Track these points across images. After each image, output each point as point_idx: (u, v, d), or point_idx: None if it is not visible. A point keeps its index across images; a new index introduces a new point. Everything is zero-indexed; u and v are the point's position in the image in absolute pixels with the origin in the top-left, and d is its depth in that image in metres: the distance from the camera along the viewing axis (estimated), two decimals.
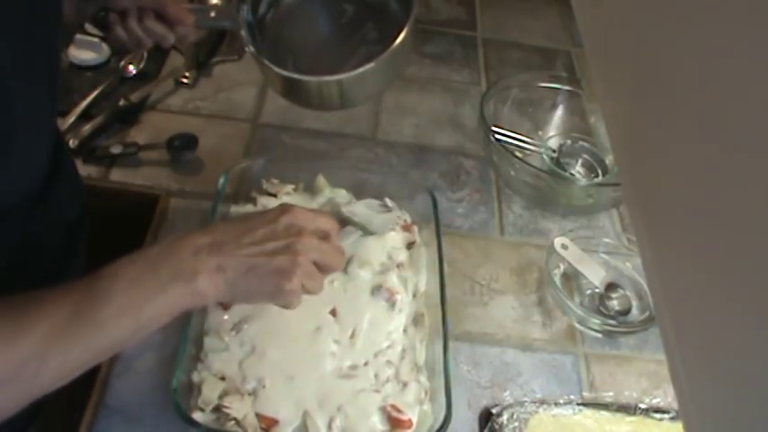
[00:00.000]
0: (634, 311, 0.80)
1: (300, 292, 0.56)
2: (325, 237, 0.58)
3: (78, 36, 0.98)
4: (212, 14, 0.70)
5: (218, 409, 0.61)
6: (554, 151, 0.96)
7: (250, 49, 0.66)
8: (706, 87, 0.28)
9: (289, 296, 0.55)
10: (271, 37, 0.70)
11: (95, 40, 0.98)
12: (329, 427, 0.61)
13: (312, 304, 0.70)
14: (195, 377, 0.63)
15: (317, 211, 0.60)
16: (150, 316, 0.50)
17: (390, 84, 0.70)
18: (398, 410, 0.63)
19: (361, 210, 0.76)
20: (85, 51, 0.99)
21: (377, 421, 0.63)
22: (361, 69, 0.62)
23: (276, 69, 0.63)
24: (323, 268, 0.57)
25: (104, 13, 0.68)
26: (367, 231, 0.73)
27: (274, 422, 0.61)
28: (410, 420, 0.63)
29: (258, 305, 0.69)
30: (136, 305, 0.49)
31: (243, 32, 0.67)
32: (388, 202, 0.81)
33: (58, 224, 0.65)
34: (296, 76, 0.63)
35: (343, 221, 0.73)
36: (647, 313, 0.79)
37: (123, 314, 0.48)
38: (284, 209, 0.58)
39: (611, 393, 0.74)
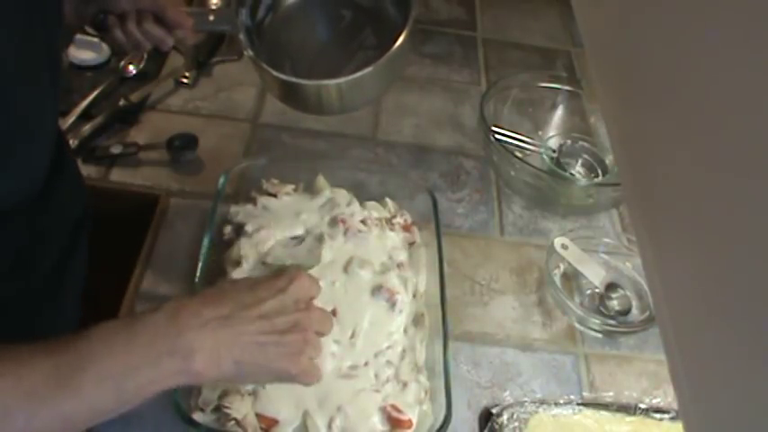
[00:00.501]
0: (634, 311, 0.80)
1: (311, 370, 0.54)
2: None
3: (78, 36, 0.98)
4: (211, 18, 0.70)
5: (218, 409, 0.61)
6: (554, 151, 0.96)
7: (248, 52, 0.65)
8: (706, 87, 0.28)
9: (299, 377, 0.53)
10: (269, 41, 0.70)
11: (95, 40, 0.98)
12: (329, 427, 0.61)
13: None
14: None
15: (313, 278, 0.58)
16: (134, 388, 0.45)
17: (387, 89, 0.70)
18: (398, 410, 0.63)
19: (280, 252, 0.74)
20: (85, 51, 0.99)
21: (377, 421, 0.63)
22: (358, 74, 0.62)
23: (274, 73, 0.63)
24: (321, 335, 0.56)
25: (103, 16, 0.68)
26: (304, 267, 0.70)
27: (274, 422, 0.61)
28: (410, 420, 0.63)
29: None
30: (120, 373, 0.44)
31: (241, 36, 0.67)
32: (389, 201, 0.81)
33: (60, 223, 0.65)
34: (294, 79, 0.63)
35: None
36: (647, 313, 0.79)
37: (103, 381, 0.44)
38: (293, 276, 0.55)
39: (611, 393, 0.74)
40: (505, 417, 0.68)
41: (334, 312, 0.69)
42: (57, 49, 0.56)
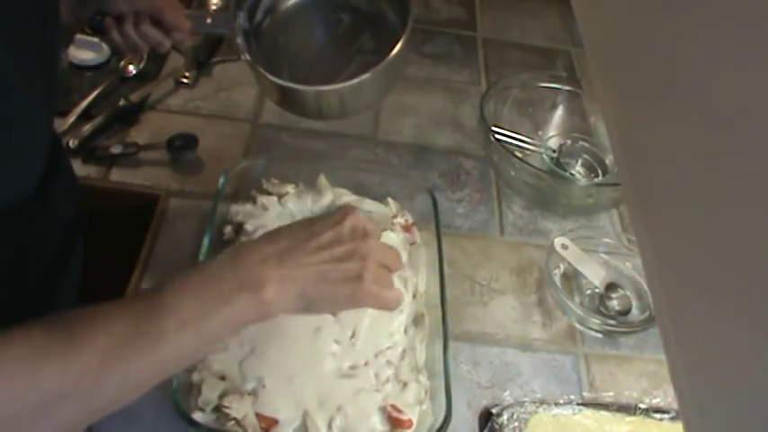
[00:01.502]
0: (634, 311, 0.80)
1: (376, 295, 0.54)
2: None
3: (78, 36, 0.98)
4: (208, 21, 0.70)
5: (218, 409, 0.61)
6: (554, 151, 0.96)
7: (245, 56, 0.65)
8: (706, 87, 0.28)
9: (364, 300, 0.54)
10: (266, 45, 0.70)
11: (95, 40, 0.98)
12: (329, 427, 0.61)
13: None
14: (195, 377, 0.63)
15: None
16: (214, 329, 0.48)
17: (386, 94, 0.70)
18: (398, 410, 0.63)
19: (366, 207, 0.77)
20: (85, 51, 0.99)
21: (377, 421, 0.63)
22: (356, 80, 0.61)
23: (270, 78, 0.63)
24: (388, 269, 0.57)
25: (100, 17, 0.68)
26: None
27: (274, 422, 0.61)
28: (410, 420, 0.63)
29: None
30: (198, 317, 0.47)
31: (238, 40, 0.67)
32: (391, 201, 0.81)
33: (55, 223, 0.64)
34: (291, 84, 0.63)
35: None
36: (647, 313, 0.79)
37: (185, 327, 0.46)
38: (347, 211, 0.57)
39: (611, 393, 0.74)
40: (505, 417, 0.68)
41: (333, 312, 0.69)
42: (52, 50, 0.55)
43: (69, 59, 0.98)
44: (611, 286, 0.81)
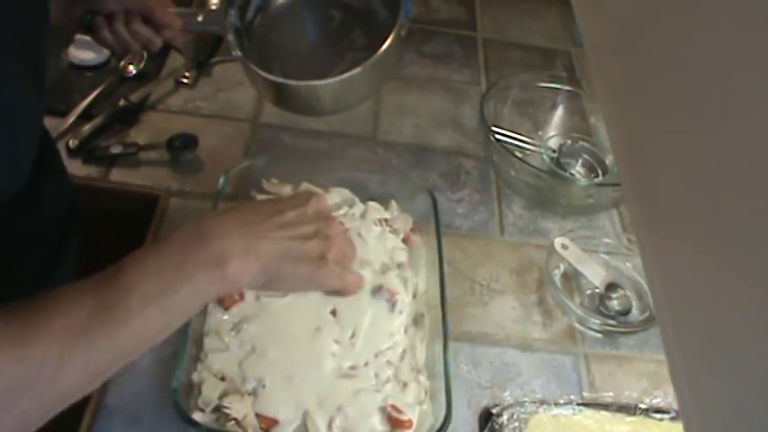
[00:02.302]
0: (634, 311, 0.80)
1: (338, 276, 0.56)
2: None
3: (78, 36, 0.98)
4: (199, 18, 0.70)
5: (218, 409, 0.61)
6: (554, 151, 0.96)
7: (237, 53, 0.65)
8: (706, 87, 0.28)
9: (326, 280, 0.55)
10: (258, 42, 0.70)
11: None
12: (329, 427, 0.61)
13: (312, 304, 0.70)
14: (195, 377, 0.63)
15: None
16: (177, 305, 0.47)
17: (377, 89, 0.71)
18: (398, 410, 0.63)
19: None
20: (85, 51, 0.99)
21: (377, 421, 0.63)
22: (347, 74, 0.62)
23: (262, 74, 0.63)
24: (346, 257, 0.58)
25: (91, 16, 0.68)
26: None
27: (274, 422, 0.61)
28: (410, 420, 0.63)
29: (258, 306, 0.69)
30: (161, 294, 0.45)
31: (229, 37, 0.67)
32: (394, 206, 0.81)
33: (45, 222, 0.64)
34: (282, 80, 0.63)
35: None
36: (647, 313, 0.79)
37: (148, 305, 0.45)
38: (309, 195, 0.58)
39: (611, 393, 0.74)
40: (505, 417, 0.68)
41: (334, 312, 0.69)
42: (41, 50, 0.55)
43: (69, 59, 0.98)
44: (611, 286, 0.81)
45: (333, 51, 0.71)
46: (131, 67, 1.00)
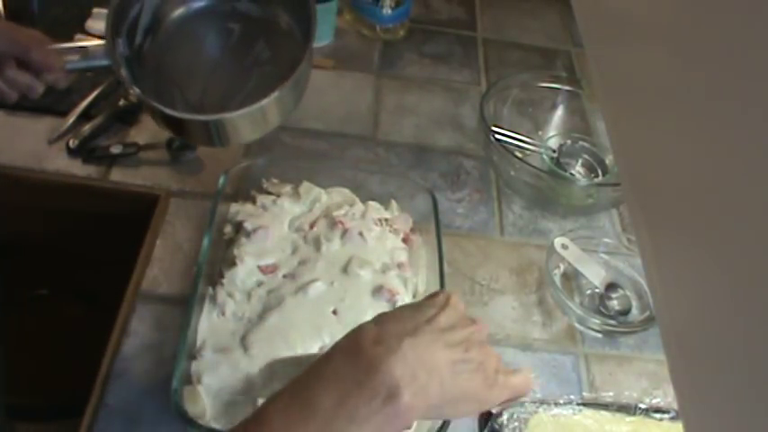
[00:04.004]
0: (634, 311, 0.80)
1: (504, 385, 0.48)
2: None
3: (78, 36, 0.98)
4: (83, 55, 0.60)
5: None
6: (554, 151, 0.96)
7: (135, 90, 0.57)
8: (706, 86, 0.28)
9: (501, 394, 0.48)
10: (152, 68, 0.61)
11: (95, 41, 0.98)
12: None
13: (314, 305, 0.70)
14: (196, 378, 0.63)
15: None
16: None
17: (296, 106, 0.62)
18: None
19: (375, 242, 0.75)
20: None
21: None
22: (273, 94, 0.55)
23: (168, 111, 0.55)
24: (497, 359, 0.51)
25: None
26: None
27: None
28: None
29: (258, 306, 0.69)
30: (344, 423, 0.40)
31: (122, 72, 0.58)
32: (394, 206, 0.81)
33: None
34: (204, 117, 0.55)
35: None
36: (647, 313, 0.79)
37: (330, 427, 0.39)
38: (447, 295, 0.50)
39: (611, 393, 0.74)
40: (505, 417, 0.68)
41: (335, 312, 0.69)
42: None
43: None
44: (611, 286, 0.81)
45: (237, 68, 0.63)
46: None
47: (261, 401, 0.61)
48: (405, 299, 0.71)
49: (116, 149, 0.87)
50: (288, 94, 0.58)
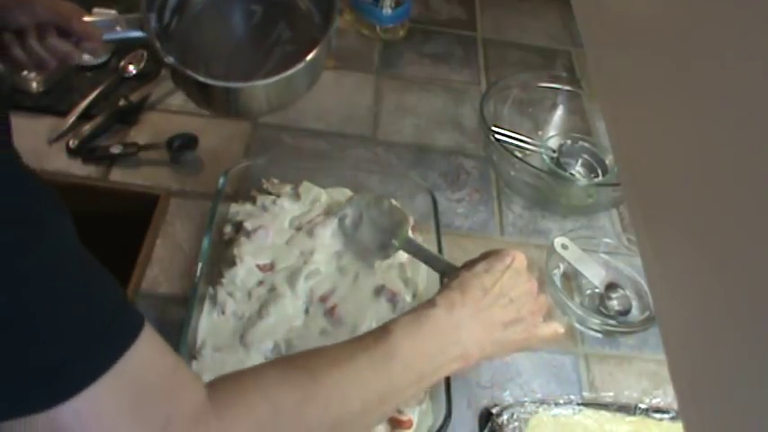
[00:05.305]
0: (634, 311, 0.80)
1: (546, 330, 0.62)
2: None
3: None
4: (119, 27, 0.63)
5: None
6: (554, 151, 0.96)
7: (169, 59, 0.60)
8: (706, 86, 0.28)
9: (537, 337, 0.61)
10: (179, 46, 0.65)
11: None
12: None
13: (315, 305, 0.70)
14: None
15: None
16: (429, 372, 0.54)
17: (316, 80, 0.66)
18: (398, 410, 0.63)
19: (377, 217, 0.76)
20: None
21: None
22: (294, 68, 0.59)
23: (201, 79, 0.59)
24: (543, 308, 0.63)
25: None
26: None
27: None
28: (410, 420, 0.63)
29: (258, 306, 0.69)
30: (420, 360, 0.53)
31: (157, 43, 0.62)
32: (393, 202, 0.81)
33: None
34: (233, 84, 0.60)
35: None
36: (647, 313, 0.79)
37: (408, 367, 0.52)
38: (513, 254, 0.62)
39: (611, 393, 0.74)
40: (505, 417, 0.68)
41: (334, 312, 0.69)
42: None
43: None
44: (611, 286, 0.81)
45: (259, 48, 0.68)
46: (131, 67, 1.00)
47: None
48: (406, 298, 0.71)
49: (116, 149, 0.87)
50: (305, 71, 0.61)
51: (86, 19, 0.63)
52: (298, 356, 0.53)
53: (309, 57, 0.60)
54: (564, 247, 0.81)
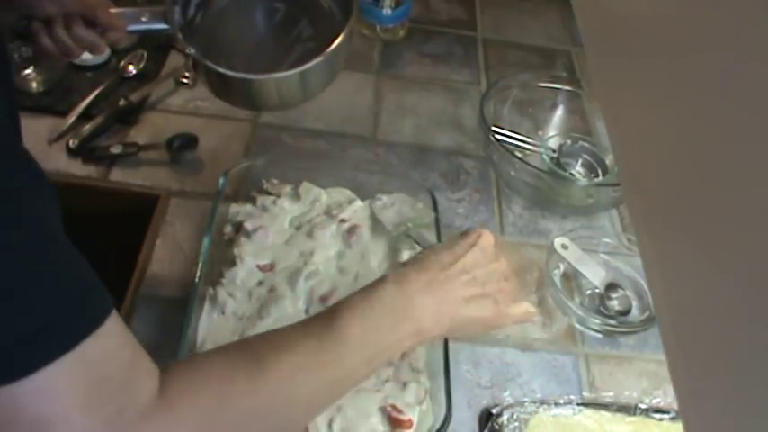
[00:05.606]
0: (634, 311, 0.80)
1: (508, 316, 0.60)
2: None
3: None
4: (144, 18, 0.66)
5: None
6: (554, 151, 0.96)
7: (190, 50, 0.62)
8: (706, 86, 0.28)
9: (502, 321, 0.60)
10: (202, 41, 0.66)
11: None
12: (329, 426, 0.61)
13: (315, 305, 0.70)
14: None
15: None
16: (381, 352, 0.53)
17: (336, 75, 0.67)
18: (398, 410, 0.63)
19: (388, 214, 0.78)
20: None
21: (377, 421, 0.63)
22: (314, 62, 0.60)
23: (220, 70, 0.60)
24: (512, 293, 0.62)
25: (26, 22, 0.63)
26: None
27: None
28: (410, 420, 0.63)
29: (258, 305, 0.69)
30: (370, 341, 0.52)
31: (179, 35, 0.64)
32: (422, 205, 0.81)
33: None
34: (252, 76, 0.61)
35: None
36: (647, 313, 0.79)
37: (358, 350, 0.51)
38: (479, 233, 0.60)
39: (611, 393, 0.74)
40: (505, 417, 0.68)
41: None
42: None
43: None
44: (611, 286, 0.81)
45: (280, 44, 0.69)
46: (131, 67, 1.00)
47: None
48: None
49: (116, 149, 0.87)
50: (324, 65, 0.62)
51: (112, 10, 0.65)
52: (246, 342, 0.51)
53: (330, 49, 0.61)
54: (564, 247, 0.81)
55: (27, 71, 0.94)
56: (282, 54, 0.67)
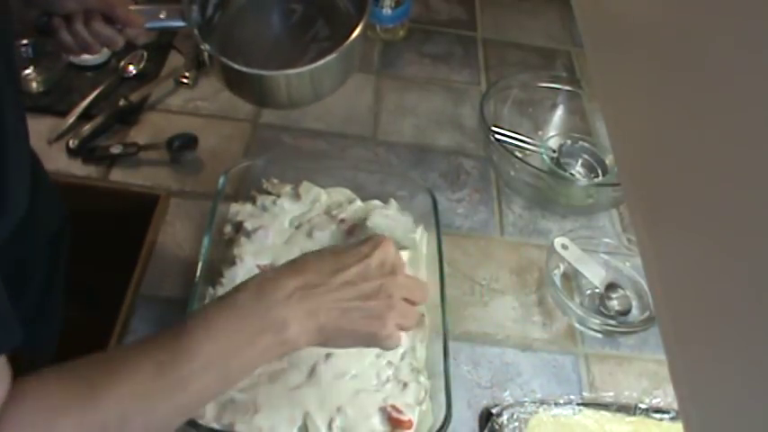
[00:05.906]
0: (634, 311, 0.80)
1: (396, 335, 0.54)
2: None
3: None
4: (162, 15, 0.67)
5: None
6: (554, 151, 0.96)
7: (205, 47, 0.63)
8: (707, 86, 0.28)
9: (385, 341, 0.53)
10: (220, 39, 0.68)
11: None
12: (329, 427, 0.61)
13: None
14: None
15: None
16: (237, 368, 0.48)
17: (350, 75, 0.68)
18: (398, 411, 0.63)
19: (381, 221, 0.76)
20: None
21: (377, 421, 0.63)
22: (327, 59, 0.61)
23: (235, 66, 0.61)
24: (412, 303, 0.55)
25: (47, 18, 0.65)
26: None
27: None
28: (410, 420, 0.63)
29: None
30: (223, 359, 0.47)
31: (195, 32, 0.64)
32: (392, 202, 0.81)
33: (40, 241, 0.64)
34: (264, 72, 0.62)
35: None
36: (647, 313, 0.79)
37: (209, 369, 0.46)
38: (377, 242, 0.55)
39: (611, 393, 0.74)
40: (505, 417, 0.68)
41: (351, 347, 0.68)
42: (12, 57, 0.52)
43: (69, 59, 0.98)
44: (611, 286, 0.81)
45: (296, 44, 0.70)
46: (131, 67, 1.00)
47: (261, 400, 0.62)
48: None
49: (116, 149, 0.87)
50: (336, 63, 0.62)
51: (131, 8, 0.67)
52: (84, 364, 0.46)
53: (343, 45, 0.61)
54: (564, 247, 0.81)
55: (27, 71, 0.94)
56: (298, 53, 0.68)
